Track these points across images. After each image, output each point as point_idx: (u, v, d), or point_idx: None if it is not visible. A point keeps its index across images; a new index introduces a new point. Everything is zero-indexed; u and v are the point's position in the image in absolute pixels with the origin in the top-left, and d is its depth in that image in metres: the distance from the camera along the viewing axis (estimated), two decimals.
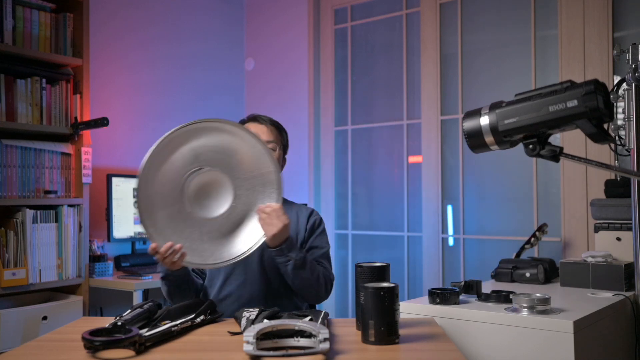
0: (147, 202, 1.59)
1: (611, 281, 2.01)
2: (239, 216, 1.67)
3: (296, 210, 1.94)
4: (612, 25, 2.68)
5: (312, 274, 1.74)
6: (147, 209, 1.59)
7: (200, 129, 1.61)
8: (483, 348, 1.64)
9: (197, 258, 1.63)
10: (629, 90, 1.77)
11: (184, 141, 1.61)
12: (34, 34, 2.58)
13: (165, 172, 1.61)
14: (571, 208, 2.76)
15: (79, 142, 2.71)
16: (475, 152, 1.39)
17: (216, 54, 3.74)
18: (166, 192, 1.62)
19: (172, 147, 1.60)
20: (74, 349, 1.28)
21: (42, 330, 2.42)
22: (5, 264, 2.41)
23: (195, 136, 1.61)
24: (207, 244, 1.65)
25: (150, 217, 1.59)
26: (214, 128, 1.62)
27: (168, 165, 1.61)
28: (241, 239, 1.67)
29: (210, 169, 1.64)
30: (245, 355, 1.20)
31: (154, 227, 1.59)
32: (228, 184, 1.65)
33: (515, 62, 3.00)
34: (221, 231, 1.66)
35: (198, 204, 1.64)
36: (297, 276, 1.71)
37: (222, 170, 1.65)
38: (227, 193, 1.66)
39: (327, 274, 1.82)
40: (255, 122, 1.92)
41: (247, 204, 1.67)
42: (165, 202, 1.61)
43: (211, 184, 1.65)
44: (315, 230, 1.91)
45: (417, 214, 3.30)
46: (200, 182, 1.64)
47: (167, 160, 1.60)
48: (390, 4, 3.45)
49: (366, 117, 3.55)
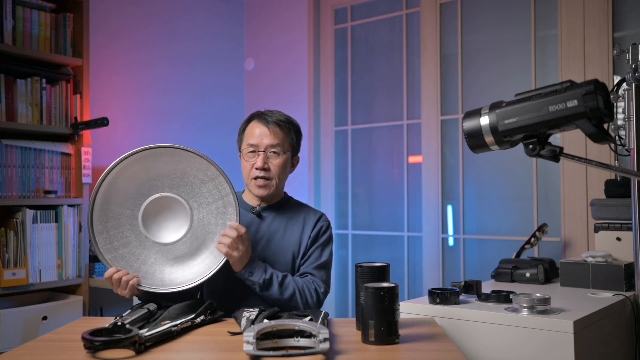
0: (102, 226, 1.62)
1: (611, 281, 2.01)
2: (198, 240, 1.67)
3: (304, 215, 1.87)
4: (612, 25, 2.68)
5: (282, 294, 1.68)
6: (101, 232, 1.62)
7: (157, 154, 1.62)
8: (483, 348, 1.64)
9: (154, 282, 1.63)
10: (629, 90, 1.77)
11: (140, 166, 1.62)
12: (34, 34, 2.58)
13: (121, 197, 1.63)
14: (571, 208, 2.76)
15: (79, 142, 2.71)
16: (475, 152, 1.39)
17: (216, 54, 3.74)
18: (123, 216, 1.64)
19: (129, 171, 1.62)
20: (74, 349, 1.28)
21: (42, 330, 2.41)
22: (5, 264, 2.41)
23: (151, 161, 1.63)
24: (164, 267, 1.65)
25: (106, 239, 1.62)
26: (169, 153, 1.63)
27: (123, 189, 1.63)
28: (199, 263, 1.66)
29: (167, 194, 1.64)
30: (245, 355, 1.20)
31: (108, 250, 1.62)
32: (185, 208, 1.65)
33: (515, 61, 3.00)
34: (178, 255, 1.66)
35: (155, 229, 1.65)
36: (266, 297, 1.69)
37: (179, 195, 1.65)
38: (184, 217, 1.65)
39: (310, 288, 1.73)
40: (260, 122, 1.82)
41: (206, 227, 1.67)
42: (121, 225, 1.64)
43: (168, 208, 1.65)
44: (318, 239, 1.84)
45: (417, 214, 3.30)
46: (156, 207, 1.65)
47: (122, 184, 1.62)
48: (390, 4, 3.45)
49: (366, 117, 3.55)
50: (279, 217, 1.86)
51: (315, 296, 1.73)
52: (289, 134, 1.84)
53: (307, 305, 1.71)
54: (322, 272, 1.80)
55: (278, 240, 1.82)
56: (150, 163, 1.63)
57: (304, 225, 1.85)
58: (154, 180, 1.65)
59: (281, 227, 1.84)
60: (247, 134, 1.84)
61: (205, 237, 1.67)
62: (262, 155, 1.78)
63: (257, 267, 1.68)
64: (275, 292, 1.68)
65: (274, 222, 1.85)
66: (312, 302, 1.72)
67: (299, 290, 1.71)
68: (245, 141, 1.83)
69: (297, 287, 1.71)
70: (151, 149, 1.62)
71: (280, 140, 1.80)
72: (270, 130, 1.80)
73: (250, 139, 1.81)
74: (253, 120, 1.85)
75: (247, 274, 1.67)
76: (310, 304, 1.72)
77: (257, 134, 1.80)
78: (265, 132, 1.80)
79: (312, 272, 1.78)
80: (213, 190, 1.66)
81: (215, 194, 1.66)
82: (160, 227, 1.66)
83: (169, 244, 1.65)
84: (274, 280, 1.68)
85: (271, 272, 1.70)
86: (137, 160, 1.62)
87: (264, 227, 1.84)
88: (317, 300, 1.74)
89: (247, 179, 1.83)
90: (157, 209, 1.65)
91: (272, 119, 1.82)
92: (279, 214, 1.87)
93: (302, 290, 1.71)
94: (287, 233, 1.83)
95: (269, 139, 1.79)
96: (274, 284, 1.68)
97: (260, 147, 1.79)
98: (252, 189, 1.83)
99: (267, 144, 1.79)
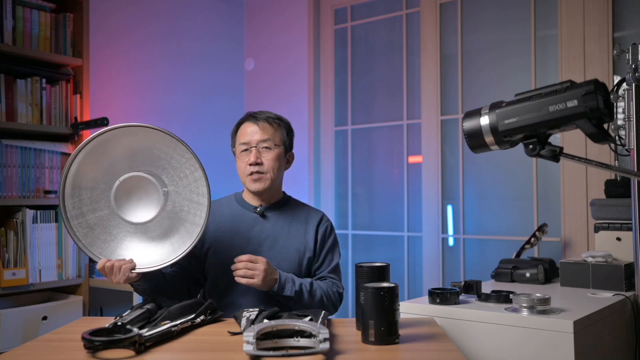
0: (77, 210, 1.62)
1: (611, 281, 2.01)
2: (172, 218, 1.66)
3: (305, 214, 1.90)
4: (612, 25, 2.68)
5: (312, 300, 1.74)
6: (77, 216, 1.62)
7: (126, 133, 1.61)
8: (483, 348, 1.64)
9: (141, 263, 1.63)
10: (629, 90, 1.77)
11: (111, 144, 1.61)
12: (34, 34, 2.58)
13: (91, 178, 1.63)
14: (571, 208, 2.76)
15: (79, 142, 2.70)
16: (475, 152, 1.39)
17: (216, 54, 3.74)
18: (96, 196, 1.64)
19: (98, 150, 1.61)
20: (74, 349, 1.28)
21: (42, 330, 2.41)
22: (5, 264, 2.41)
23: (121, 139, 1.62)
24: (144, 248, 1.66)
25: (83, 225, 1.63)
26: (133, 132, 1.61)
27: (94, 171, 1.63)
28: (176, 241, 1.66)
29: (138, 173, 1.63)
30: (245, 355, 1.20)
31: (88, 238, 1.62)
32: (155, 186, 1.63)
33: (515, 61, 3.00)
34: (155, 234, 1.66)
35: (129, 208, 1.64)
36: (299, 306, 1.72)
37: (150, 174, 1.64)
38: (157, 196, 1.64)
39: (333, 290, 1.81)
40: (249, 122, 1.86)
41: (179, 203, 1.66)
42: (98, 206, 1.64)
43: (140, 187, 1.64)
44: (325, 242, 1.88)
45: (417, 214, 3.30)
46: (129, 187, 1.63)
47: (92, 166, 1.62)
48: (390, 4, 3.45)
49: (366, 117, 3.55)
50: (282, 217, 1.87)
51: (338, 296, 1.83)
52: (278, 129, 1.88)
53: (334, 306, 1.81)
54: (337, 274, 1.89)
55: (283, 240, 1.84)
56: (115, 143, 1.62)
57: (307, 224, 1.88)
58: (122, 161, 1.64)
59: (285, 226, 1.86)
60: (239, 134, 1.88)
61: (179, 212, 1.66)
62: (254, 151, 1.82)
63: (286, 281, 1.71)
64: (306, 301, 1.73)
65: (278, 222, 1.86)
66: (336, 302, 1.82)
67: (325, 294, 1.78)
68: (238, 141, 1.88)
69: (323, 292, 1.78)
70: (115, 129, 1.60)
71: (270, 135, 1.84)
72: (260, 126, 1.85)
73: (242, 139, 1.86)
74: (244, 122, 1.89)
75: (279, 291, 1.69)
76: (336, 304, 1.82)
77: (248, 133, 1.85)
78: (255, 129, 1.85)
79: (330, 276, 1.86)
80: (183, 166, 1.65)
81: (185, 169, 1.65)
82: (135, 206, 1.64)
83: (144, 222, 1.64)
84: (304, 290, 1.73)
85: (300, 282, 1.74)
86: (101, 142, 1.60)
87: (268, 227, 1.85)
88: (339, 299, 1.84)
89: (243, 176, 1.86)
90: (129, 190, 1.64)
91: (261, 116, 1.87)
92: (281, 214, 1.88)
93: (328, 293, 1.80)
94: (291, 233, 1.86)
95: (259, 134, 1.84)
96: (305, 294, 1.73)
97: (252, 143, 1.84)
98: (248, 186, 1.85)
99: (258, 140, 1.83)
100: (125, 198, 1.64)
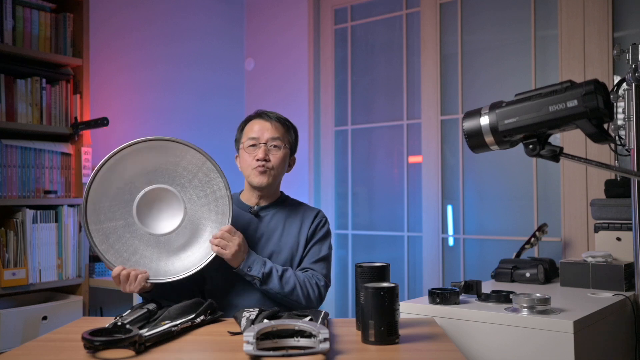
0: (95, 216, 1.63)
1: (611, 281, 2.01)
2: (190, 232, 1.68)
3: (302, 213, 1.89)
4: (612, 25, 2.68)
5: (283, 287, 1.70)
6: (95, 222, 1.63)
7: (150, 147, 1.64)
8: (483, 348, 1.64)
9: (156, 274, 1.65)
10: (629, 90, 1.77)
11: (134, 158, 1.64)
12: (34, 34, 2.58)
13: (114, 188, 1.65)
14: (571, 208, 2.76)
15: (79, 142, 2.71)
16: (475, 152, 1.39)
17: (216, 54, 3.74)
18: (115, 206, 1.65)
19: (122, 164, 1.64)
20: (74, 349, 1.28)
21: (42, 330, 2.42)
22: (5, 264, 2.41)
23: (145, 154, 1.65)
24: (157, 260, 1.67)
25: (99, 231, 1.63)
26: (163, 147, 1.65)
27: (117, 180, 1.65)
28: (190, 255, 1.68)
29: (160, 186, 1.66)
30: (245, 355, 1.20)
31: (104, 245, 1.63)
32: (178, 200, 1.66)
33: (515, 61, 3.00)
34: (172, 247, 1.68)
35: (148, 220, 1.66)
36: (267, 292, 1.70)
37: (172, 187, 1.67)
38: (178, 209, 1.67)
39: (312, 282, 1.74)
40: (261, 119, 1.86)
41: (198, 219, 1.69)
42: (114, 216, 1.65)
43: (162, 200, 1.67)
44: (315, 234, 1.86)
45: (417, 214, 3.30)
46: (150, 199, 1.66)
47: (116, 176, 1.64)
48: (390, 4, 3.45)
49: (366, 117, 3.55)
50: (277, 216, 1.87)
51: (317, 290, 1.75)
52: (288, 131, 1.88)
53: (308, 299, 1.72)
54: (321, 266, 1.82)
55: (277, 238, 1.83)
56: (143, 156, 1.65)
57: (302, 222, 1.86)
58: (146, 174, 1.66)
59: (279, 225, 1.85)
60: (247, 129, 1.87)
61: (198, 227, 1.68)
62: (264, 147, 1.81)
63: (256, 261, 1.70)
64: (275, 286, 1.69)
65: (273, 221, 1.86)
66: (313, 295, 1.73)
67: (300, 284, 1.72)
68: (246, 136, 1.86)
69: (298, 281, 1.72)
70: (144, 142, 1.64)
71: (281, 135, 1.84)
72: (272, 124, 1.84)
73: (251, 133, 1.84)
74: (253, 118, 1.88)
75: (245, 269, 1.69)
76: (312, 297, 1.73)
77: (258, 129, 1.84)
78: (266, 126, 1.84)
79: (312, 267, 1.80)
80: (205, 182, 1.68)
81: (207, 187, 1.68)
82: (154, 218, 1.67)
83: (163, 234, 1.66)
84: (273, 274, 1.70)
85: (270, 265, 1.72)
86: (130, 153, 1.64)
87: (262, 226, 1.84)
88: (319, 293, 1.75)
89: (248, 170, 1.84)
90: (151, 201, 1.66)
91: (273, 115, 1.87)
92: (277, 213, 1.88)
93: (304, 283, 1.72)
94: (285, 231, 1.84)
95: (270, 132, 1.83)
96: (274, 278, 1.69)
97: (262, 139, 1.82)
98: (252, 179, 1.83)
99: (269, 137, 1.82)
100: (147, 209, 1.66)
